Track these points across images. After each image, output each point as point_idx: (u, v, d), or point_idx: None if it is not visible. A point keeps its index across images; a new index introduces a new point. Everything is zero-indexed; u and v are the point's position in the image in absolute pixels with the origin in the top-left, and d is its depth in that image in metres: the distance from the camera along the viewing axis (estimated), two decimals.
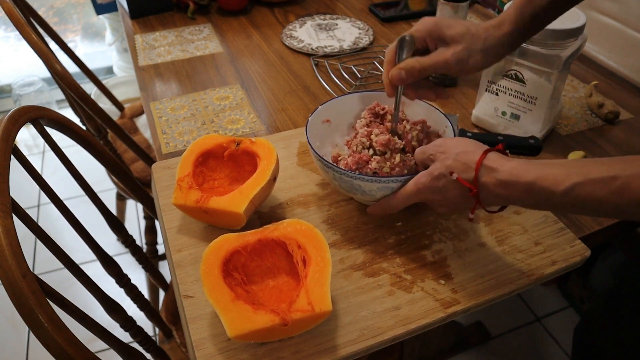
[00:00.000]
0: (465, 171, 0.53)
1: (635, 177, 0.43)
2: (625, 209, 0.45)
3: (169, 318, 0.96)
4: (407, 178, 0.58)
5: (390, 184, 0.59)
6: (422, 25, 0.62)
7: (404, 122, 0.67)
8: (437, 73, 0.63)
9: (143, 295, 0.84)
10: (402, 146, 0.64)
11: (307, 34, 1.18)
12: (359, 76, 1.02)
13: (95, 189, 0.78)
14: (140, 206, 1.83)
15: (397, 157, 0.63)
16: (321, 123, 0.71)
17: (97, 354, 0.51)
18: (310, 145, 0.63)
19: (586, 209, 0.47)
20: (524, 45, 0.74)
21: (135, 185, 0.85)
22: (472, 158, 0.53)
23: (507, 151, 0.55)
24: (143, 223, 1.63)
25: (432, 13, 1.25)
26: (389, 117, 0.68)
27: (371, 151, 0.65)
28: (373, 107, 0.70)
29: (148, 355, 0.76)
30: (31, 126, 0.80)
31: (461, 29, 0.60)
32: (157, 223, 1.32)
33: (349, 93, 0.73)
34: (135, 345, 0.82)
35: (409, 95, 0.66)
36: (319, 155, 0.61)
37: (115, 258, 0.78)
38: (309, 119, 0.68)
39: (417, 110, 0.71)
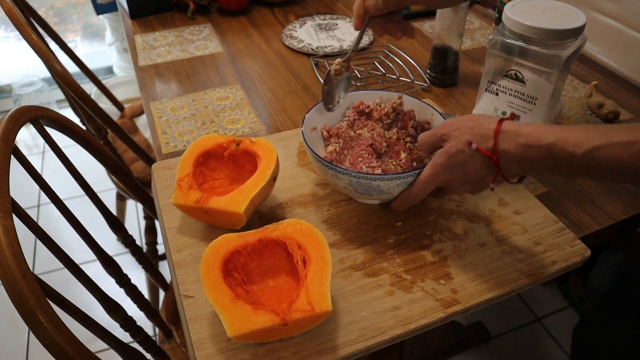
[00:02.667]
0: (484, 141, 0.53)
1: None
2: None
3: (169, 318, 0.96)
4: (423, 170, 0.59)
5: (409, 178, 0.59)
6: None
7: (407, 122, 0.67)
8: (417, 3, 0.60)
9: (143, 295, 0.84)
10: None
11: (307, 34, 1.18)
12: (359, 76, 1.02)
13: (95, 189, 0.78)
14: (140, 206, 1.83)
15: (403, 155, 0.63)
16: (310, 131, 0.70)
17: (97, 354, 0.51)
18: (316, 155, 0.62)
19: (605, 172, 0.47)
20: (524, 45, 0.74)
21: (135, 185, 0.85)
22: (488, 127, 0.53)
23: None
24: (143, 223, 1.63)
25: (432, 13, 1.26)
26: (374, 114, 0.68)
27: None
28: (357, 105, 0.70)
29: (148, 355, 0.76)
30: (31, 126, 0.80)
31: None
32: (157, 223, 1.32)
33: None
34: (135, 345, 0.82)
35: (377, 30, 0.63)
36: (331, 164, 0.60)
37: (115, 258, 0.78)
38: (302, 129, 0.66)
39: (408, 106, 0.72)
